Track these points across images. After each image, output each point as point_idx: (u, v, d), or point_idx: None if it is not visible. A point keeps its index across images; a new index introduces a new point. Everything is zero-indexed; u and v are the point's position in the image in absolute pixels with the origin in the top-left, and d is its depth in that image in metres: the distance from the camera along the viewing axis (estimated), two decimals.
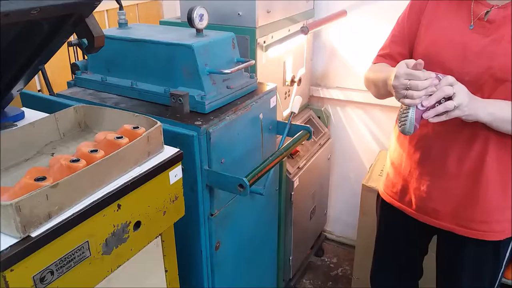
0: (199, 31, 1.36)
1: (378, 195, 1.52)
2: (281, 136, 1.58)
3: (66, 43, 1.46)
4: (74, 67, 1.56)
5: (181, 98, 1.25)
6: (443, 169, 1.24)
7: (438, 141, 1.24)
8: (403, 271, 1.55)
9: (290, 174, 1.91)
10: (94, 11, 0.97)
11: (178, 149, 1.03)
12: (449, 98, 1.05)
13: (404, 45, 1.31)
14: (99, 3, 0.95)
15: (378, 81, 1.25)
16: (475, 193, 1.21)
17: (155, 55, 1.35)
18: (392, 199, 1.41)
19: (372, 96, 1.39)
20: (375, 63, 1.38)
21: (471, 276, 1.32)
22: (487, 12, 1.12)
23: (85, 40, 1.00)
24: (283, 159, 1.55)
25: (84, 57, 1.65)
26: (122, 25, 1.52)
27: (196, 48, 1.26)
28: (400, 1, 1.43)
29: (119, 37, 1.41)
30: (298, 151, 2.03)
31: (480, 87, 1.12)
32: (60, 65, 1.74)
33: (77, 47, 1.66)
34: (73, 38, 1.50)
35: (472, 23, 1.15)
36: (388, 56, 1.35)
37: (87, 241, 0.81)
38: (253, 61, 1.42)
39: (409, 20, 1.30)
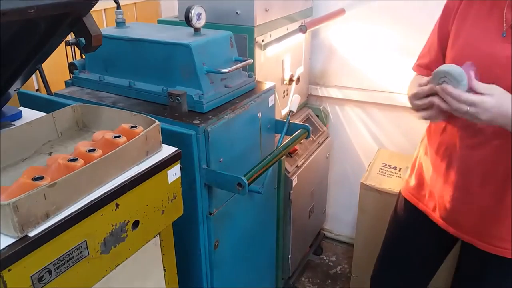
0: (196, 30, 1.35)
1: (400, 193, 1.47)
2: (279, 135, 1.57)
3: (63, 42, 1.46)
4: (71, 67, 1.55)
5: (179, 98, 1.24)
6: (467, 183, 1.18)
7: (464, 153, 1.16)
8: (415, 273, 1.49)
9: (288, 172, 1.91)
10: (92, 10, 0.97)
11: (177, 148, 1.03)
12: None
13: (439, 52, 1.22)
14: (97, 2, 0.95)
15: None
16: (499, 210, 1.15)
17: (153, 55, 1.35)
18: (418, 201, 1.37)
19: (371, 94, 1.37)
20: (415, 75, 1.32)
21: None
22: None
23: (82, 40, 0.99)
24: (282, 158, 1.55)
25: (81, 57, 1.64)
26: (120, 24, 1.51)
27: (193, 48, 1.26)
28: (392, 2, 1.41)
29: (117, 36, 1.40)
30: (297, 149, 2.03)
31: None
32: (57, 64, 1.73)
33: (75, 46, 1.66)
34: (70, 37, 1.50)
35: (504, 30, 1.03)
36: (425, 66, 1.27)
37: (85, 241, 0.81)
38: (251, 60, 1.42)
39: (441, 24, 1.21)
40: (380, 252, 1.57)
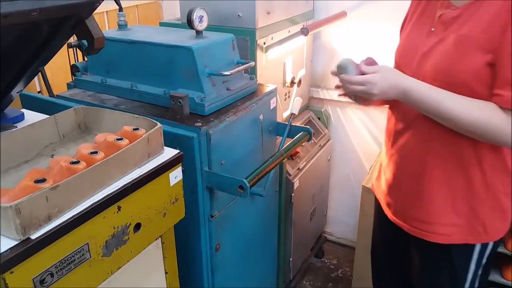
0: (198, 32, 1.36)
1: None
2: (281, 138, 1.57)
3: (66, 44, 1.46)
4: (74, 69, 1.56)
5: (180, 100, 1.24)
6: (396, 167, 1.25)
7: (395, 138, 1.24)
8: (393, 271, 1.50)
9: (290, 175, 1.91)
10: (94, 12, 0.98)
11: (178, 151, 1.03)
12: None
13: None
14: (99, 5, 0.95)
15: None
16: (420, 192, 1.20)
17: (155, 57, 1.35)
18: (377, 192, 1.43)
19: None
20: None
21: (428, 280, 1.29)
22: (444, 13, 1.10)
23: (85, 42, 1.00)
24: (283, 161, 1.54)
25: (84, 59, 1.64)
26: (121, 26, 1.52)
27: (195, 50, 1.26)
28: (399, 1, 1.43)
29: (119, 38, 1.41)
30: (298, 152, 2.03)
31: None
32: (60, 66, 1.74)
33: (77, 49, 1.66)
34: (72, 39, 1.50)
35: (433, 25, 1.13)
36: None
37: (87, 243, 0.81)
38: (253, 63, 1.42)
39: (400, 29, 1.31)
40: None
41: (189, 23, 1.32)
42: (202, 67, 1.27)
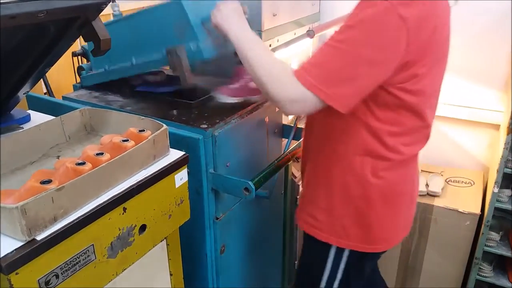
0: None
1: None
2: (286, 140, 1.57)
3: (71, 53, 1.48)
4: (80, 70, 1.57)
5: (177, 51, 1.22)
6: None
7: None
8: None
9: (295, 177, 1.90)
10: (100, 14, 0.98)
11: (184, 152, 1.03)
12: None
13: None
14: (106, 6, 0.95)
15: None
16: (304, 183, 1.27)
17: (148, 24, 1.33)
18: None
19: None
20: None
21: (304, 269, 1.33)
22: None
23: (89, 45, 1.00)
24: (289, 163, 1.54)
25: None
26: (116, 16, 1.51)
27: (184, 2, 1.23)
28: None
29: (114, 20, 1.41)
30: None
31: None
32: (66, 76, 1.74)
33: (82, 57, 1.68)
34: (78, 45, 1.51)
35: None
36: None
37: (92, 245, 0.81)
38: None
39: None
40: None
41: None
42: (194, 16, 1.24)
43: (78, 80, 1.60)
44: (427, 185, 1.93)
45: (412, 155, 1.14)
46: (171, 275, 1.12)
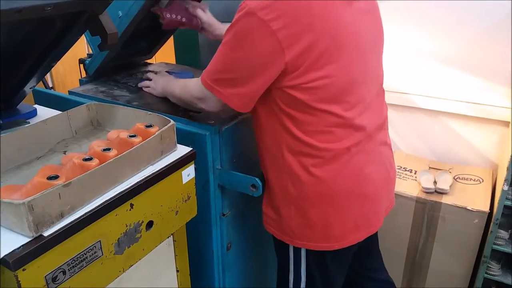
0: None
1: None
2: None
3: (77, 60, 1.49)
4: (81, 61, 1.56)
5: None
6: None
7: None
8: None
9: None
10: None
11: (191, 148, 1.02)
12: None
13: None
14: (113, 0, 0.94)
15: None
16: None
17: None
18: None
19: (386, 95, 1.35)
20: None
21: (278, 271, 1.30)
22: None
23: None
24: None
25: None
26: None
27: None
28: (406, 1, 1.40)
29: None
30: None
31: None
32: (72, 64, 1.74)
33: None
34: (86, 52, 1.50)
35: None
36: None
37: (99, 241, 0.80)
38: None
39: None
40: None
41: None
42: None
43: (83, 74, 1.59)
44: (435, 182, 1.91)
45: (345, 149, 1.05)
46: (177, 271, 1.12)
